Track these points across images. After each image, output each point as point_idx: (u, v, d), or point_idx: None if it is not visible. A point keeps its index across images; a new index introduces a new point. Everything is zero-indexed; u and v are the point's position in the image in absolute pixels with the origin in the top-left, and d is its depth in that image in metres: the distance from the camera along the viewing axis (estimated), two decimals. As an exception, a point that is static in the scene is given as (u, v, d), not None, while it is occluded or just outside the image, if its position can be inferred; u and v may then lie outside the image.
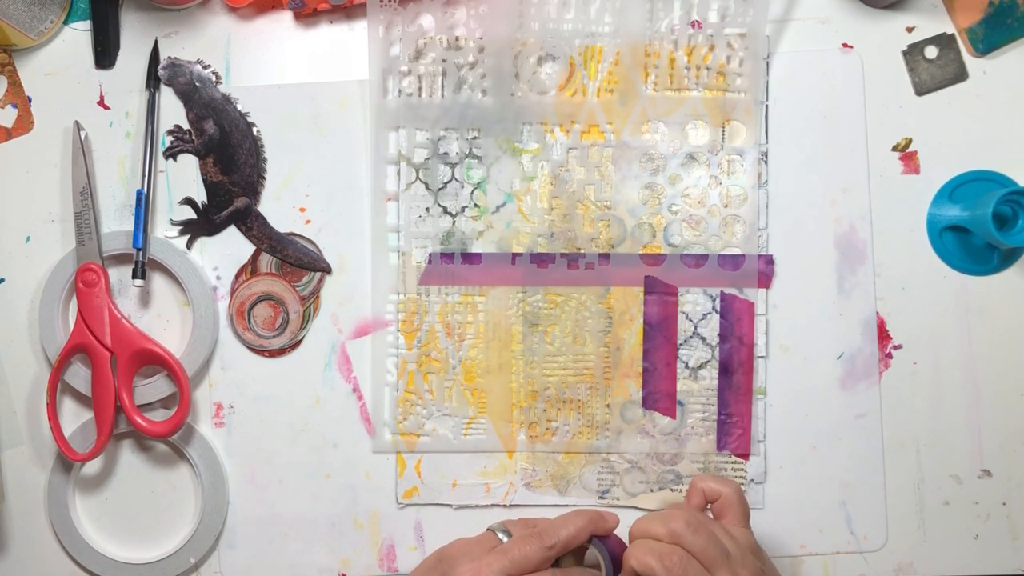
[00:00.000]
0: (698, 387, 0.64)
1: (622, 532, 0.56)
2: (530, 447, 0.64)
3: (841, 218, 0.64)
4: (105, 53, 0.64)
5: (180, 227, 0.64)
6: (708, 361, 0.64)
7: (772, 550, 0.64)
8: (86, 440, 0.63)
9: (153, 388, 0.63)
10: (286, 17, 0.65)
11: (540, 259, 0.64)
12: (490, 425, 0.64)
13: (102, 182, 0.64)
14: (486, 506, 0.64)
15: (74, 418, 0.64)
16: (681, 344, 0.64)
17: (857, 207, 0.64)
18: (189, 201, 0.64)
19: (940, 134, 0.64)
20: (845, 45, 0.64)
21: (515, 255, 0.64)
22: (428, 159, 0.64)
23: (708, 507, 0.57)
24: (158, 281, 0.65)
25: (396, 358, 0.64)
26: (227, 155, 0.64)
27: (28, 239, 0.65)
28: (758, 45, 0.63)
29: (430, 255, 0.64)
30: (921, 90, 0.64)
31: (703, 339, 0.64)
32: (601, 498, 0.64)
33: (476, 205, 0.64)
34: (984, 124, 0.63)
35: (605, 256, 0.64)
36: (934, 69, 0.64)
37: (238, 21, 0.65)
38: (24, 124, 0.64)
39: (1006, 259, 0.64)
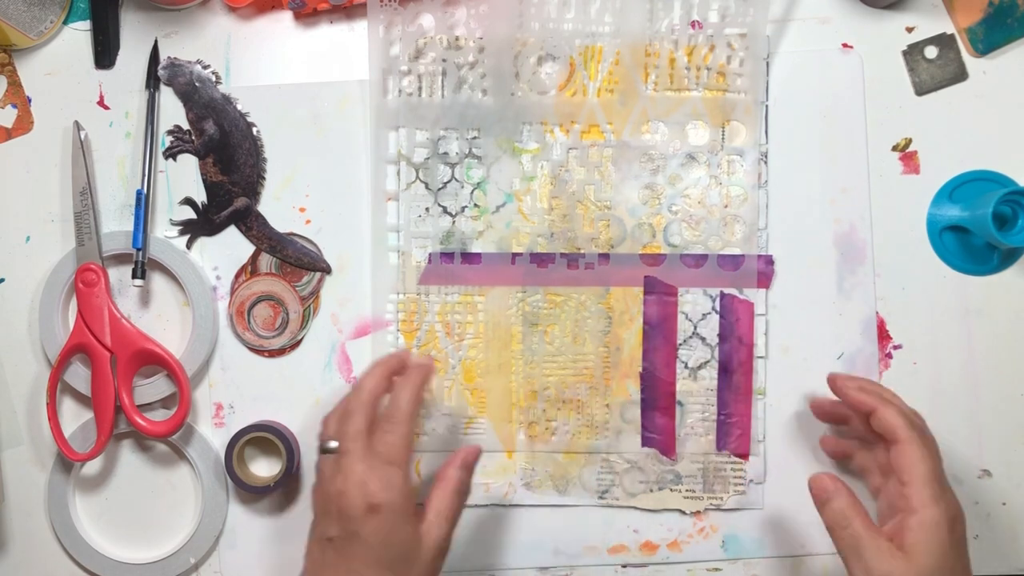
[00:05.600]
0: (698, 387, 0.64)
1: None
2: (530, 447, 0.64)
3: (841, 218, 0.64)
4: (105, 53, 0.64)
5: (180, 227, 0.64)
6: (708, 361, 0.64)
7: (772, 550, 0.64)
8: (86, 440, 0.63)
9: (153, 388, 0.63)
10: (286, 17, 0.65)
11: (540, 259, 0.64)
12: (490, 425, 0.64)
13: (102, 182, 0.64)
14: (486, 506, 0.64)
15: (74, 418, 0.64)
16: (681, 344, 0.64)
17: (857, 207, 0.64)
18: (189, 201, 0.64)
19: (940, 134, 0.64)
20: (845, 45, 0.64)
21: (515, 255, 0.64)
22: (428, 159, 0.64)
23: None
24: (158, 281, 0.65)
25: (396, 358, 0.64)
26: (227, 155, 0.64)
27: (28, 239, 0.65)
28: (758, 45, 0.63)
29: (430, 255, 0.64)
30: (921, 90, 0.64)
31: (703, 339, 0.64)
32: (600, 498, 0.64)
33: (476, 205, 0.64)
34: (984, 124, 0.63)
35: (605, 256, 0.63)
36: (934, 69, 0.64)
37: (238, 21, 0.65)
38: (24, 124, 0.64)
39: (1006, 259, 0.64)
